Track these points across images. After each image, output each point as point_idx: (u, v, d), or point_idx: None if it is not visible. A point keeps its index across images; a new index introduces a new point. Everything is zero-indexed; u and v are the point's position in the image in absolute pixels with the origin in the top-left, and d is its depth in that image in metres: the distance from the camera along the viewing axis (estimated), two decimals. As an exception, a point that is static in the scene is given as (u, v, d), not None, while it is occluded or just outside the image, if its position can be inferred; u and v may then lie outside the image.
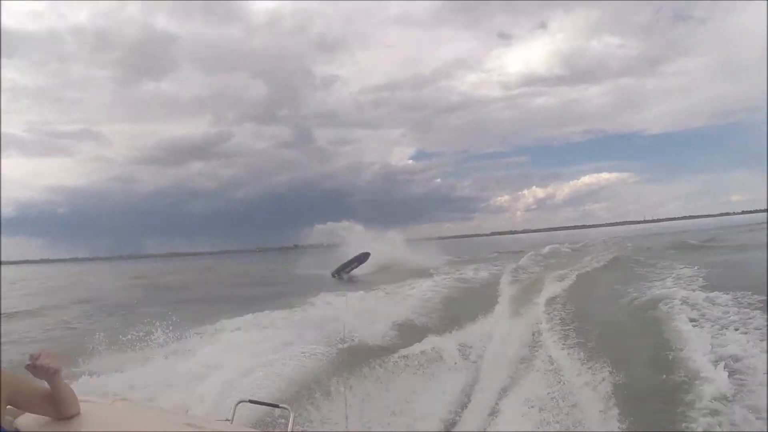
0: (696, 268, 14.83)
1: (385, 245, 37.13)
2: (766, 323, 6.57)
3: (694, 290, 10.55)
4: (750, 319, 7.22)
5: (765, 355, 5.49)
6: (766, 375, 4.44)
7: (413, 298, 15.08)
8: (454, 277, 21.26)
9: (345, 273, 31.07)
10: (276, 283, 30.13)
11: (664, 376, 5.67)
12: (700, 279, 13.03)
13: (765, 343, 5.99)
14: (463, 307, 13.85)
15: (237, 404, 2.43)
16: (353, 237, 39.82)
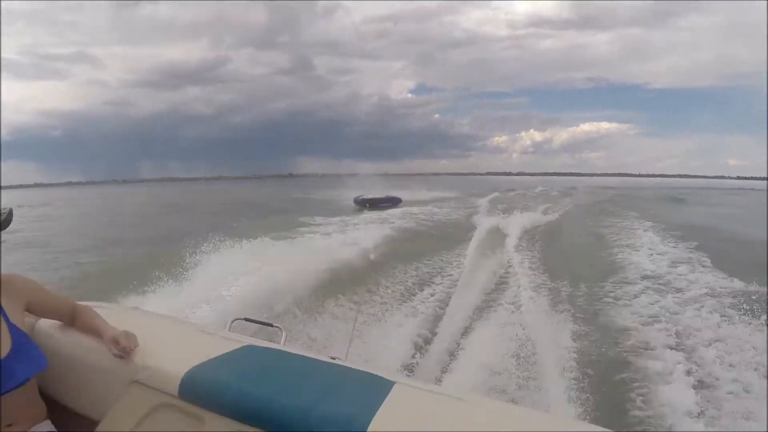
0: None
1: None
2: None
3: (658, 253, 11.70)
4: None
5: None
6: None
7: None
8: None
9: (368, 205, 30.38)
10: (299, 209, 29.41)
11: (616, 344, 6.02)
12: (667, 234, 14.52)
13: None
14: (434, 241, 14.42)
15: (232, 321, 2.55)
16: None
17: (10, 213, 20.66)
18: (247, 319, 2.77)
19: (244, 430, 1.36)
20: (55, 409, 1.63)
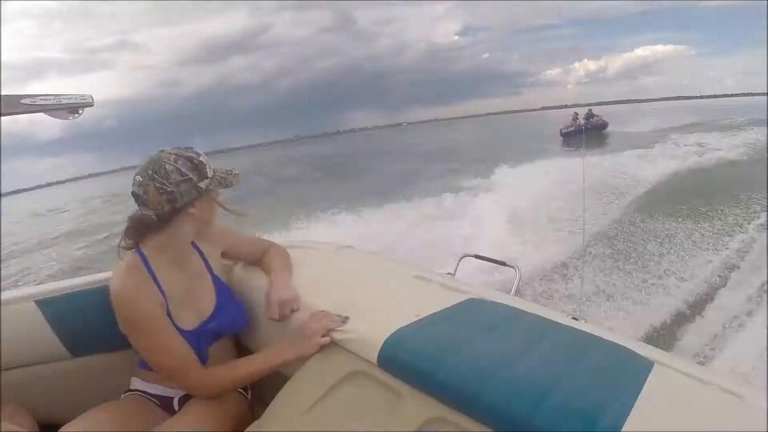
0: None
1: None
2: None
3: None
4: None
5: None
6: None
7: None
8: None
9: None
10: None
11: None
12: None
13: None
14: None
15: (461, 258, 2.44)
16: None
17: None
18: (477, 257, 2.61)
19: (448, 417, 1.08)
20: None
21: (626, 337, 1.52)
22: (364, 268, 1.88)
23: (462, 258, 2.40)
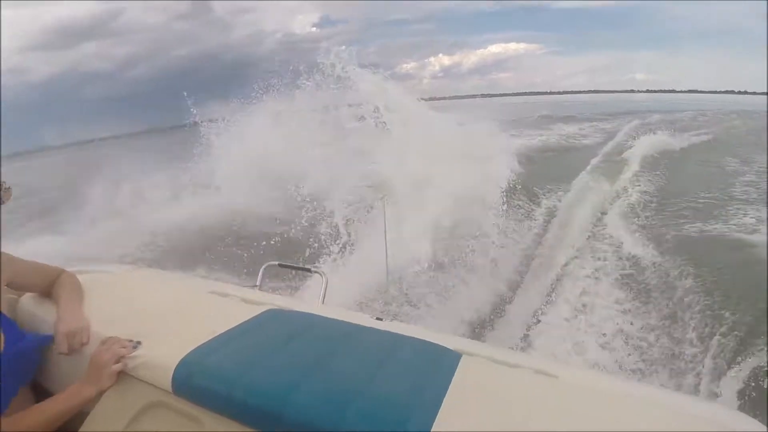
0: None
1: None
2: None
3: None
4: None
5: None
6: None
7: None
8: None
9: None
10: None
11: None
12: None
13: None
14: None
15: (264, 267, 2.31)
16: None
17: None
18: (281, 265, 2.51)
19: None
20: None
21: (432, 330, 1.55)
22: (159, 288, 1.82)
23: (264, 267, 2.33)
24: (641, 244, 6.45)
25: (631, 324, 4.50)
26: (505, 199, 6.82)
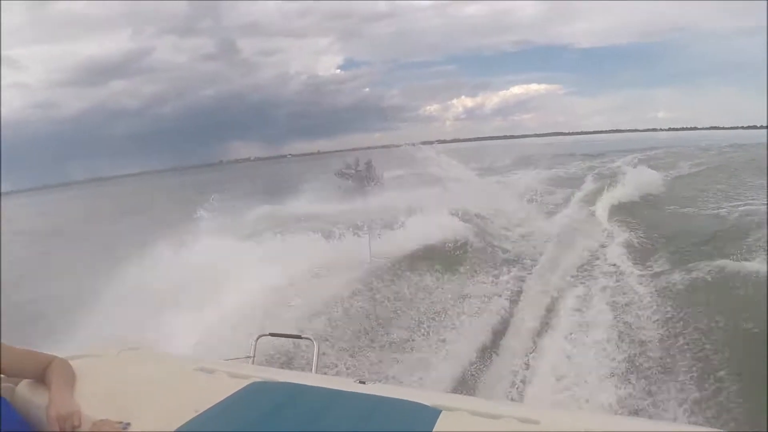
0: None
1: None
2: None
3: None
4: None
5: None
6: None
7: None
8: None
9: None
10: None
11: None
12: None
13: None
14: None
15: (257, 339, 2.34)
16: None
17: None
18: (273, 335, 2.61)
19: None
20: None
21: (413, 388, 1.69)
22: (147, 369, 1.85)
23: (257, 338, 2.37)
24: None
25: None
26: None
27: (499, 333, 5.55)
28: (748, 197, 11.91)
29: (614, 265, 7.34)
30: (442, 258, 7.84)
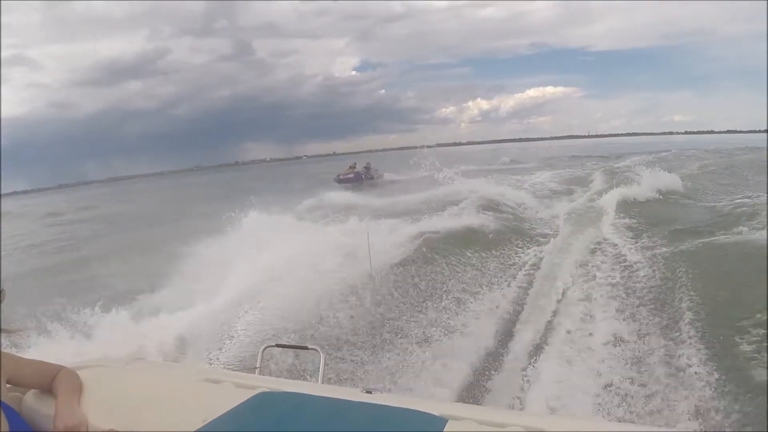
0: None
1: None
2: None
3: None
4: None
5: None
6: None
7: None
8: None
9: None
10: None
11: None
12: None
13: None
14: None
15: (263, 350, 2.37)
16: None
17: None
18: (279, 345, 2.65)
19: None
20: None
21: (419, 398, 1.66)
22: (154, 380, 1.86)
23: (263, 349, 2.40)
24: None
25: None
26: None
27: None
28: (746, 193, 12.73)
29: (615, 244, 8.57)
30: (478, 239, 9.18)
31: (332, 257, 7.24)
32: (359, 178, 27.42)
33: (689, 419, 3.61)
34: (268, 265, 7.05)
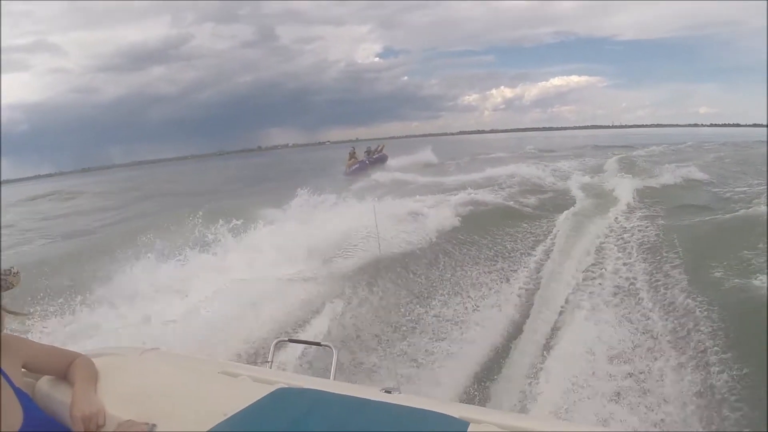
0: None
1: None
2: None
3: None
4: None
5: None
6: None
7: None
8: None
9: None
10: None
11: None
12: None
13: None
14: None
15: (275, 344, 2.37)
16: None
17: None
18: (291, 340, 2.57)
19: None
20: None
21: (439, 400, 1.74)
22: (170, 370, 1.83)
23: (275, 343, 2.37)
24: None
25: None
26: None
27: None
28: (750, 182, 14.36)
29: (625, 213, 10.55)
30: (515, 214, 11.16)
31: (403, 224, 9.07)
32: (364, 167, 26.98)
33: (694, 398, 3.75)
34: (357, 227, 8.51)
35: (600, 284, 6.50)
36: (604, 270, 7.00)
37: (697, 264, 6.54)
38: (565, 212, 10.59)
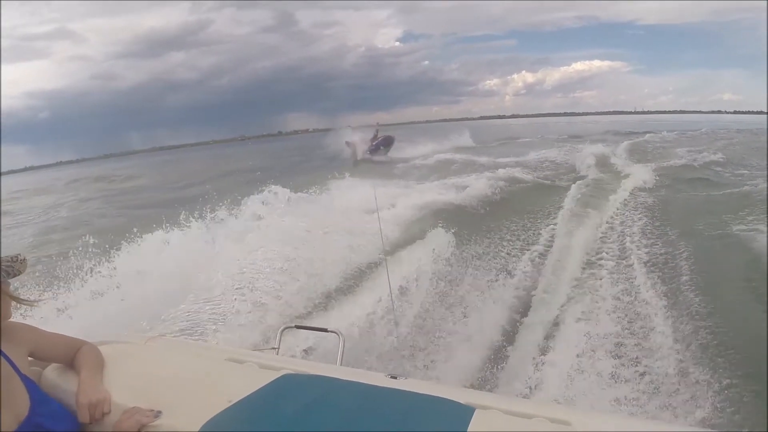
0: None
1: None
2: None
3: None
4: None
5: None
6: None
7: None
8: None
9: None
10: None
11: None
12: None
13: None
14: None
15: (282, 330, 2.38)
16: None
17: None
18: (298, 327, 2.63)
19: None
20: None
21: (445, 385, 1.77)
22: (176, 357, 1.84)
23: (282, 330, 2.37)
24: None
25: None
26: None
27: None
28: (752, 167, 16.05)
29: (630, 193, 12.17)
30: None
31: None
32: (374, 151, 26.41)
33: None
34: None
35: (604, 267, 6.78)
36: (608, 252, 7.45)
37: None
38: (573, 186, 12.40)
